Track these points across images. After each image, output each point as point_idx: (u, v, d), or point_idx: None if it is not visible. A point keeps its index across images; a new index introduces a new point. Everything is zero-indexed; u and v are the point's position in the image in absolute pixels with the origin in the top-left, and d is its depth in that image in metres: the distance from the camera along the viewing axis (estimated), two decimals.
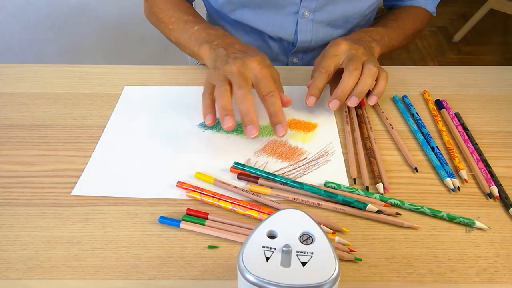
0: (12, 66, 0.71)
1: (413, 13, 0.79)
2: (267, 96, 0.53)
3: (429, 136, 0.56)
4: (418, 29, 0.80)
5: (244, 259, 0.30)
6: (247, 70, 0.54)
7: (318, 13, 0.74)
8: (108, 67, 0.71)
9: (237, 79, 0.53)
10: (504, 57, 2.20)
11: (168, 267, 0.41)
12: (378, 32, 0.69)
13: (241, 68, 0.54)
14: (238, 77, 0.53)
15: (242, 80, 0.53)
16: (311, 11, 0.73)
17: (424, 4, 0.80)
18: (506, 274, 0.41)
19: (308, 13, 0.73)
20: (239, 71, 0.54)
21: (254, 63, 0.55)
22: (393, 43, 0.72)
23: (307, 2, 0.72)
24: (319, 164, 0.53)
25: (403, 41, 0.76)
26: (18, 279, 0.40)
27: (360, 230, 0.45)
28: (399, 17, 0.77)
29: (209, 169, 0.52)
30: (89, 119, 0.60)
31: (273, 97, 0.53)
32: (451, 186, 0.49)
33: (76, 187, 0.49)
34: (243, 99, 0.51)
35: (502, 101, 0.64)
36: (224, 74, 0.54)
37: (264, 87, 0.54)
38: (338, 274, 0.29)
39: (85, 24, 1.44)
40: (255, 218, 0.46)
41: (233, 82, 0.53)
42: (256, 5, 0.73)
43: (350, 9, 0.74)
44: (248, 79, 0.54)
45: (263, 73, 0.54)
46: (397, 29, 0.74)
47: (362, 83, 0.57)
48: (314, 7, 0.73)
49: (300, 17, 0.74)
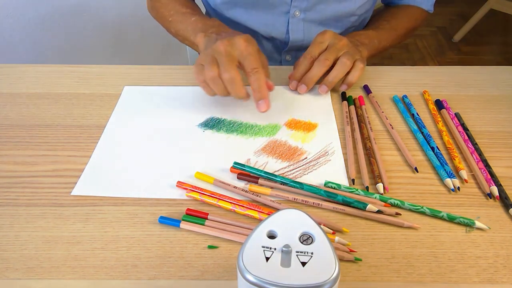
0: (12, 66, 0.71)
1: (408, 12, 0.80)
2: (251, 72, 0.55)
3: (429, 136, 0.56)
4: (412, 28, 0.80)
5: (244, 259, 0.30)
6: (233, 48, 0.56)
7: (309, 13, 0.75)
8: (108, 67, 0.71)
9: (223, 60, 0.55)
10: (504, 57, 2.20)
11: (168, 267, 0.41)
12: (368, 36, 0.71)
13: (228, 47, 0.56)
14: (225, 57, 0.55)
15: (228, 61, 0.55)
16: (302, 10, 0.74)
17: (419, 3, 0.80)
18: (506, 274, 0.41)
19: (299, 13, 0.75)
20: (225, 50, 0.55)
21: (240, 40, 0.56)
22: (383, 44, 0.74)
23: (297, 2, 0.73)
24: (319, 164, 0.53)
25: (395, 41, 0.77)
26: (18, 279, 0.40)
27: (360, 230, 0.45)
28: (393, 17, 0.78)
29: (209, 169, 0.52)
30: (89, 119, 0.60)
31: (258, 73, 0.55)
32: (451, 186, 0.49)
33: (76, 187, 0.49)
34: (231, 82, 0.54)
35: (502, 101, 0.64)
36: (212, 55, 0.56)
37: (248, 63, 0.55)
38: (338, 274, 0.29)
39: (85, 24, 1.44)
40: (255, 218, 0.46)
41: (220, 63, 0.55)
42: (248, 4, 0.75)
43: (341, 9, 0.74)
44: (235, 59, 0.56)
45: (248, 50, 0.56)
46: (390, 30, 0.75)
47: (332, 74, 0.62)
48: (305, 7, 0.74)
49: (291, 16, 0.75)
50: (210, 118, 0.60)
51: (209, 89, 0.57)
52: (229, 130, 0.58)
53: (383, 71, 0.70)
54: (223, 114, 0.61)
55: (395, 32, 0.76)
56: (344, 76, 0.63)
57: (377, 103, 0.62)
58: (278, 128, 0.58)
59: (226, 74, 0.54)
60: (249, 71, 0.55)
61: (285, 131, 0.58)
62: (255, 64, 0.55)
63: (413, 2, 0.80)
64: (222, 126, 0.59)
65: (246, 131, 0.58)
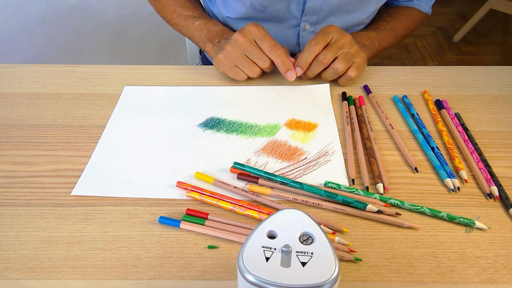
0: (12, 66, 0.71)
1: (407, 13, 0.80)
2: (272, 51, 0.61)
3: (429, 136, 0.56)
4: (411, 30, 0.81)
5: (244, 259, 0.30)
6: (248, 35, 0.62)
7: (319, 26, 0.75)
8: (108, 67, 0.71)
9: (255, 45, 0.62)
10: (504, 57, 2.20)
11: (168, 267, 0.41)
12: (369, 37, 0.72)
13: (243, 37, 0.62)
14: (247, 44, 0.62)
15: (251, 46, 0.62)
16: (312, 24, 0.75)
17: (418, 5, 0.80)
18: (506, 274, 0.41)
19: (309, 26, 0.75)
20: (243, 37, 0.62)
21: (251, 27, 0.62)
22: (383, 45, 0.75)
23: (307, 16, 0.73)
24: (319, 164, 0.53)
25: (393, 43, 0.78)
26: (18, 279, 0.40)
27: (360, 230, 0.45)
28: (393, 18, 0.78)
29: (209, 169, 0.52)
30: (89, 119, 0.60)
31: (278, 50, 0.61)
32: (451, 186, 0.49)
33: (76, 187, 0.49)
34: (276, 50, 0.61)
35: (502, 101, 0.64)
36: (235, 46, 0.62)
37: (266, 44, 0.62)
38: (338, 274, 0.29)
39: (85, 24, 1.44)
40: (255, 218, 0.46)
41: (254, 49, 0.62)
42: (258, 19, 0.75)
43: (350, 20, 0.75)
44: (253, 42, 0.62)
45: (261, 32, 0.62)
46: (389, 31, 0.76)
47: (312, 70, 0.64)
48: (315, 20, 0.74)
49: (301, 30, 0.76)
50: (210, 118, 0.60)
51: (242, 73, 0.64)
52: (229, 130, 0.58)
53: (383, 71, 0.71)
54: (223, 114, 0.61)
55: (394, 34, 0.77)
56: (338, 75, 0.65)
57: (377, 103, 0.62)
58: (278, 128, 0.58)
59: (271, 47, 0.61)
60: (269, 50, 0.61)
61: (285, 131, 0.58)
62: (272, 42, 0.61)
63: (412, 4, 0.80)
64: (222, 126, 0.59)
65: (246, 131, 0.58)
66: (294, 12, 0.73)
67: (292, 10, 0.73)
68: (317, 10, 0.72)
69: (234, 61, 0.64)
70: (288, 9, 0.72)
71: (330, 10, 0.72)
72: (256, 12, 0.74)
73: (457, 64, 2.14)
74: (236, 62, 0.64)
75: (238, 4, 0.74)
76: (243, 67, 0.64)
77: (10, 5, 1.29)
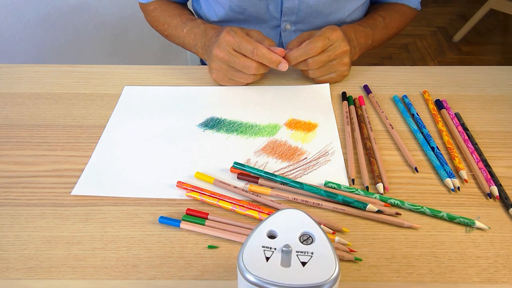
0: (12, 66, 0.71)
1: (399, 10, 0.80)
2: (254, 55, 0.59)
3: (429, 136, 0.56)
4: (402, 28, 0.81)
5: (244, 259, 0.30)
6: (225, 48, 0.60)
7: (299, 25, 0.76)
8: (108, 67, 0.71)
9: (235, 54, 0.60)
10: (504, 57, 2.20)
11: (168, 267, 0.41)
12: (365, 35, 0.72)
13: (221, 51, 0.61)
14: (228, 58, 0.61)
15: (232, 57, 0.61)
16: (293, 23, 0.76)
17: (408, 2, 0.80)
18: (506, 274, 0.41)
19: (290, 26, 0.76)
20: (221, 52, 0.61)
21: (226, 36, 0.60)
22: (374, 44, 0.75)
23: (287, 16, 0.74)
24: (319, 164, 0.53)
25: (384, 41, 0.78)
26: (18, 279, 0.40)
27: (360, 230, 0.45)
28: (388, 14, 0.78)
29: (209, 169, 0.52)
30: (89, 119, 0.60)
31: (258, 51, 0.59)
32: (451, 186, 0.49)
33: (76, 187, 0.49)
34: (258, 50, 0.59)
35: (502, 101, 0.64)
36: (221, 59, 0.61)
37: (245, 50, 0.59)
38: (338, 274, 0.29)
39: (85, 24, 1.44)
40: (255, 218, 0.46)
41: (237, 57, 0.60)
42: (239, 21, 0.76)
43: (330, 20, 0.75)
44: (232, 52, 0.61)
45: (237, 39, 0.60)
46: (383, 29, 0.76)
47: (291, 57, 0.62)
48: (295, 20, 0.75)
49: (282, 30, 0.77)
50: (210, 118, 0.60)
51: (238, 82, 0.64)
52: (229, 130, 0.58)
53: (383, 71, 0.71)
54: (223, 114, 0.61)
55: (386, 32, 0.77)
56: None
57: (377, 103, 0.62)
58: (278, 128, 0.58)
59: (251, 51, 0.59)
60: (250, 54, 0.59)
61: (285, 131, 0.58)
62: (250, 46, 0.59)
63: (401, 0, 0.80)
64: (222, 126, 0.59)
65: (246, 131, 0.58)
66: (273, 13, 0.74)
67: (271, 11, 0.73)
68: (295, 10, 0.73)
69: (225, 75, 0.64)
70: (267, 10, 0.73)
71: (308, 10, 0.72)
72: (236, 14, 0.74)
73: (457, 64, 2.14)
74: (227, 76, 0.64)
75: (219, 7, 0.75)
76: (235, 78, 0.64)
77: (10, 5, 1.29)
